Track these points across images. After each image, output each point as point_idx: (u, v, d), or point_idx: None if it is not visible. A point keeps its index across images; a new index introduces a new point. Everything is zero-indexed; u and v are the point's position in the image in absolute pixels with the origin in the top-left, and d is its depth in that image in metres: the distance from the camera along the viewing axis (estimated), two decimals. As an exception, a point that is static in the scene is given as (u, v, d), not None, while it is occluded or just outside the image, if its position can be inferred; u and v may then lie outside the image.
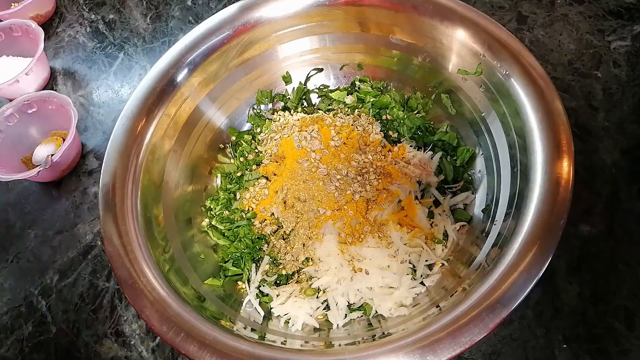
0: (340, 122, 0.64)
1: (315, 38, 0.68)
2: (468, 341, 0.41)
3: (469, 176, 0.61)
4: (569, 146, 0.48)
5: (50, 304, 0.65)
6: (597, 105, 0.68)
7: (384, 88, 0.69)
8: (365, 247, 0.56)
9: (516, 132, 0.54)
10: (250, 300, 0.56)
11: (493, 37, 0.56)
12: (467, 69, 0.59)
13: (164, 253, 0.55)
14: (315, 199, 0.58)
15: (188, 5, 0.91)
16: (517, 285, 0.43)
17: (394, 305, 0.53)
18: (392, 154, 0.62)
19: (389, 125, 0.66)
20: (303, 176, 0.59)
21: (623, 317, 0.54)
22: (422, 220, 0.57)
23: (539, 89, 0.52)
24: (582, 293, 0.56)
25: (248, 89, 0.69)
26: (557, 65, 0.72)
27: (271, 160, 0.64)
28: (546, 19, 0.76)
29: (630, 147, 0.64)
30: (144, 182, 0.57)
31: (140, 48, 0.87)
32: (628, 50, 0.71)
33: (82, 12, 0.94)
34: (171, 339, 0.45)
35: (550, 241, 0.44)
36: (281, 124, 0.67)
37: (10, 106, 0.74)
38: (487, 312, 0.42)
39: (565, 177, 0.47)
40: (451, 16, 0.59)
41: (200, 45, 0.62)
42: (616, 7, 0.75)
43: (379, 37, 0.66)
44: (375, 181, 0.59)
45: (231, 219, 0.62)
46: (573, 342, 0.54)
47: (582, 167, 0.63)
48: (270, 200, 0.61)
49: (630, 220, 0.59)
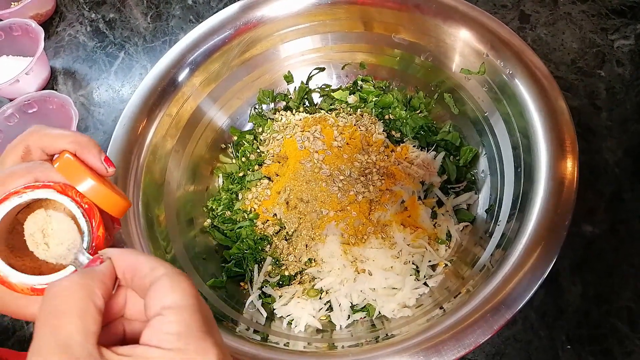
0: (343, 122, 0.64)
1: (317, 37, 0.67)
2: (472, 343, 0.41)
3: (472, 176, 0.61)
4: (573, 146, 0.48)
5: (51, 304, 0.65)
6: (600, 105, 0.67)
7: (386, 87, 0.69)
8: (368, 248, 0.56)
9: (520, 131, 0.53)
10: (252, 302, 0.56)
11: (496, 36, 0.56)
12: (470, 68, 0.59)
13: (165, 254, 0.55)
14: (318, 200, 0.58)
15: (189, 4, 0.90)
16: (521, 287, 0.42)
17: (397, 306, 0.53)
18: (395, 154, 0.62)
19: (392, 124, 0.65)
20: (306, 177, 0.59)
21: (626, 318, 0.54)
22: (426, 220, 0.57)
23: (543, 89, 0.51)
24: (586, 293, 0.56)
25: (250, 89, 0.69)
26: (560, 64, 0.71)
27: (274, 160, 0.64)
28: (549, 17, 0.76)
29: (634, 146, 0.64)
30: (145, 182, 0.57)
31: (140, 47, 0.87)
32: (631, 49, 0.71)
33: (82, 11, 0.93)
34: (173, 340, 0.45)
35: (555, 242, 0.44)
36: (283, 124, 0.67)
37: (11, 106, 0.74)
38: (491, 314, 0.42)
39: (570, 178, 0.47)
40: (454, 15, 0.58)
41: (201, 44, 0.62)
42: (619, 6, 0.75)
43: (381, 36, 0.65)
44: (379, 182, 0.59)
45: (233, 220, 0.62)
46: (576, 343, 0.54)
47: (585, 166, 0.62)
48: (273, 201, 0.60)
49: (633, 220, 0.59)
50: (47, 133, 0.38)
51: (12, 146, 0.38)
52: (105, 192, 0.37)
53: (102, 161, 0.39)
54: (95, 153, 0.39)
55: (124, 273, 0.28)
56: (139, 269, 0.28)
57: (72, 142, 0.38)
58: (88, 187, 0.37)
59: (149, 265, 0.28)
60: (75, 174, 0.37)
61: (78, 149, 0.38)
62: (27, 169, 0.35)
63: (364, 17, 0.64)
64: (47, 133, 0.38)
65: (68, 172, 0.37)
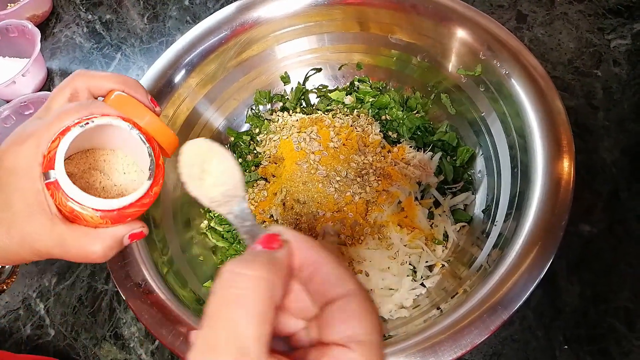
0: (340, 122, 0.64)
1: (313, 38, 0.67)
2: (469, 343, 0.41)
3: (469, 176, 0.61)
4: (569, 146, 0.48)
5: (48, 306, 0.65)
6: (597, 104, 0.67)
7: (383, 88, 0.69)
8: (364, 249, 0.56)
9: (516, 131, 0.53)
10: (249, 303, 0.56)
11: (493, 37, 0.56)
12: (467, 69, 0.59)
13: (162, 255, 0.54)
14: (314, 201, 0.58)
15: (185, 5, 0.90)
16: (518, 287, 0.42)
17: (394, 307, 0.53)
18: (392, 155, 0.62)
19: (389, 125, 0.65)
20: (302, 178, 0.59)
21: (624, 318, 0.54)
22: (422, 221, 0.57)
23: (539, 89, 0.51)
24: (583, 293, 0.56)
25: (246, 90, 0.69)
26: (556, 64, 0.71)
27: (270, 161, 0.64)
28: (546, 17, 0.76)
29: (631, 145, 0.64)
30: (142, 184, 0.57)
31: (137, 48, 0.87)
32: (628, 49, 0.71)
33: (78, 12, 0.93)
34: (170, 342, 0.45)
35: (552, 242, 0.44)
36: (280, 125, 0.67)
37: (7, 107, 0.74)
38: (488, 315, 0.41)
39: (566, 178, 0.47)
40: (451, 15, 0.58)
41: (197, 45, 0.62)
42: (616, 6, 0.75)
43: (378, 36, 0.65)
44: (375, 182, 0.59)
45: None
46: (574, 343, 0.54)
47: (582, 166, 0.62)
48: (269, 202, 0.60)
49: (631, 219, 0.59)
50: (93, 74, 0.38)
51: (59, 89, 0.37)
52: (162, 126, 0.37)
53: (149, 100, 0.39)
54: (143, 92, 0.39)
55: (302, 268, 0.24)
56: (322, 271, 0.24)
57: (119, 82, 0.37)
58: (146, 120, 0.36)
59: (335, 272, 0.24)
60: (131, 108, 0.36)
61: (125, 88, 0.38)
62: (80, 106, 0.34)
63: (360, 18, 0.64)
64: (94, 74, 0.38)
65: (122, 107, 0.36)
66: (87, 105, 0.34)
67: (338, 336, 0.22)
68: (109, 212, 0.34)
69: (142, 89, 0.39)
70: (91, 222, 0.34)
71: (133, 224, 0.39)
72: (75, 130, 0.33)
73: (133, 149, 0.35)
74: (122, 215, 0.36)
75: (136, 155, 0.36)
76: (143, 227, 0.40)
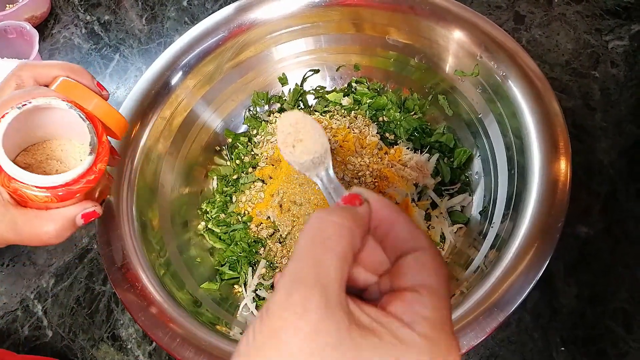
0: (337, 124, 0.64)
1: (310, 39, 0.67)
2: (465, 345, 0.41)
3: (466, 178, 0.61)
4: (566, 147, 0.48)
5: (46, 307, 0.65)
6: (594, 106, 0.67)
7: (380, 89, 0.69)
8: (362, 250, 0.55)
9: (513, 133, 0.53)
10: (247, 304, 0.56)
11: (490, 38, 0.56)
12: (464, 70, 0.59)
13: (159, 257, 0.54)
14: (311, 203, 0.58)
15: (184, 6, 0.90)
16: (514, 289, 0.42)
17: (391, 309, 0.53)
18: (389, 157, 0.62)
19: (386, 127, 0.65)
20: (299, 179, 0.59)
21: (621, 320, 0.54)
22: (419, 222, 0.57)
23: (536, 91, 0.51)
24: (580, 295, 0.56)
25: (244, 91, 0.69)
26: (554, 65, 0.71)
27: (267, 163, 0.64)
28: (543, 18, 0.76)
29: (628, 147, 0.64)
30: (139, 185, 0.57)
31: (136, 49, 0.87)
32: (626, 50, 0.71)
33: (77, 13, 0.93)
34: (167, 344, 0.45)
35: (548, 243, 0.44)
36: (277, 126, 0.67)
37: (5, 109, 0.74)
38: (484, 316, 0.41)
39: (563, 179, 0.47)
40: (448, 17, 0.58)
41: (195, 47, 0.62)
42: (614, 7, 0.75)
43: (375, 38, 0.65)
44: (372, 184, 0.59)
45: (227, 222, 0.62)
46: (571, 345, 0.54)
47: (580, 167, 0.62)
48: (266, 204, 0.60)
49: (628, 220, 0.59)
50: (37, 64, 0.38)
51: (4, 82, 0.38)
52: (110, 109, 0.37)
53: (96, 85, 0.39)
54: (89, 77, 0.40)
55: (378, 225, 0.26)
56: (396, 228, 0.26)
57: (64, 69, 0.38)
58: (94, 103, 0.37)
59: (409, 228, 0.25)
60: (78, 92, 0.37)
61: (71, 74, 0.38)
62: (24, 92, 0.35)
63: (357, 19, 0.64)
64: (38, 63, 0.38)
65: (69, 92, 0.36)
66: (30, 91, 0.35)
67: (410, 283, 0.24)
68: (54, 189, 0.34)
69: (88, 74, 0.39)
70: (37, 200, 0.34)
71: (84, 203, 0.39)
72: (12, 112, 0.33)
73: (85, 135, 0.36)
74: (68, 192, 0.35)
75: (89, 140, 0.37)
76: (95, 206, 0.40)
